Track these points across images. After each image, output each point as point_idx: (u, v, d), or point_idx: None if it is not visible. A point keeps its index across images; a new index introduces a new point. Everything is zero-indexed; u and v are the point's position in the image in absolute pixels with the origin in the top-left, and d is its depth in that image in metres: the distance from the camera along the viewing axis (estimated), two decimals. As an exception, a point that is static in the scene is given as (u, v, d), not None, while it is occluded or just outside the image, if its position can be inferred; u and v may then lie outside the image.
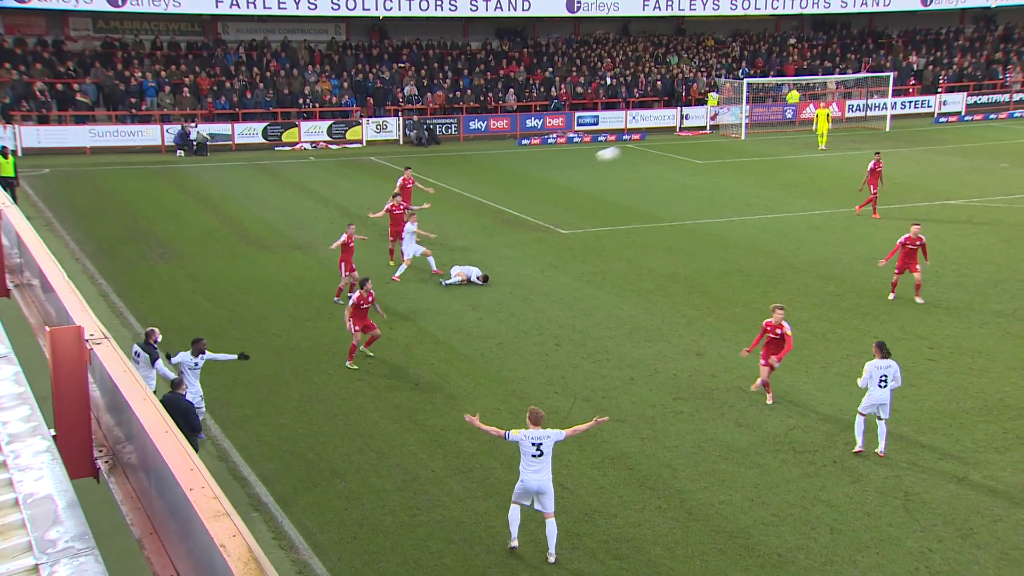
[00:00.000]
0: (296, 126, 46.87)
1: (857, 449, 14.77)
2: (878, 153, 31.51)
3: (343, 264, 22.07)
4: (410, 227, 23.94)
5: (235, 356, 16.03)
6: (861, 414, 14.91)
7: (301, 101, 48.07)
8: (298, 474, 14.38)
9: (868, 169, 30.54)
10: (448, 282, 23.50)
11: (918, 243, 21.80)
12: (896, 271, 22.16)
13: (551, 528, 12.14)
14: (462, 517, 13.09)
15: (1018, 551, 12.21)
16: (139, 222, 30.82)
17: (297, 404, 16.87)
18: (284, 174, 39.55)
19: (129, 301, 22.48)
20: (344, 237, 22.06)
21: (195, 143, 44.08)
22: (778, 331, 16.56)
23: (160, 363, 15.56)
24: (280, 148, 45.81)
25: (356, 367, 18.37)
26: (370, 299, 18.51)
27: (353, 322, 18.40)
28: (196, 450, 13.44)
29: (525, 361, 18.78)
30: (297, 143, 46.42)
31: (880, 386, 14.64)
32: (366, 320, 18.61)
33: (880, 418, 14.79)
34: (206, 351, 15.30)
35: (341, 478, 14.20)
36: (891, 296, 22.28)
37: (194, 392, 14.85)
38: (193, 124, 44.80)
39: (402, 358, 19.04)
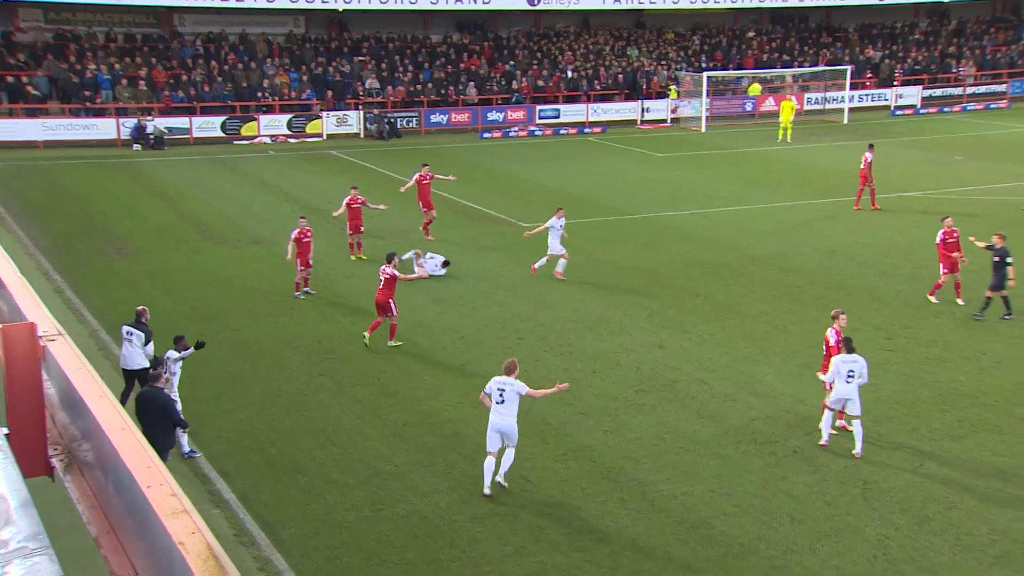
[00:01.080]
0: (255, 120, 46.42)
1: (822, 442, 14.76)
2: (871, 145, 31.80)
3: (299, 259, 21.93)
4: (557, 221, 22.98)
5: (193, 348, 15.78)
6: (829, 408, 14.89)
7: (260, 94, 47.63)
8: (259, 470, 14.28)
9: (864, 164, 30.71)
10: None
11: (955, 235, 21.11)
12: (944, 271, 21.29)
13: (508, 456, 13.47)
14: (425, 511, 13.07)
15: (972, 537, 12.43)
16: (95, 217, 30.39)
17: (258, 400, 16.74)
18: (243, 168, 39.19)
19: (85, 297, 22.17)
20: (296, 232, 21.91)
21: (152, 137, 43.50)
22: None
23: (152, 344, 15.57)
24: (239, 142, 45.37)
25: (400, 343, 19.10)
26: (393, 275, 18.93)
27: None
28: (172, 446, 13.37)
29: (487, 355, 18.77)
30: (256, 137, 45.97)
31: (847, 381, 14.53)
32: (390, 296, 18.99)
33: (852, 416, 14.65)
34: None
35: (303, 473, 14.12)
36: (933, 299, 21.46)
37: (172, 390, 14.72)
38: (150, 118, 44.21)
39: (364, 352, 18.95)
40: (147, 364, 15.34)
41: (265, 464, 14.46)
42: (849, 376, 14.52)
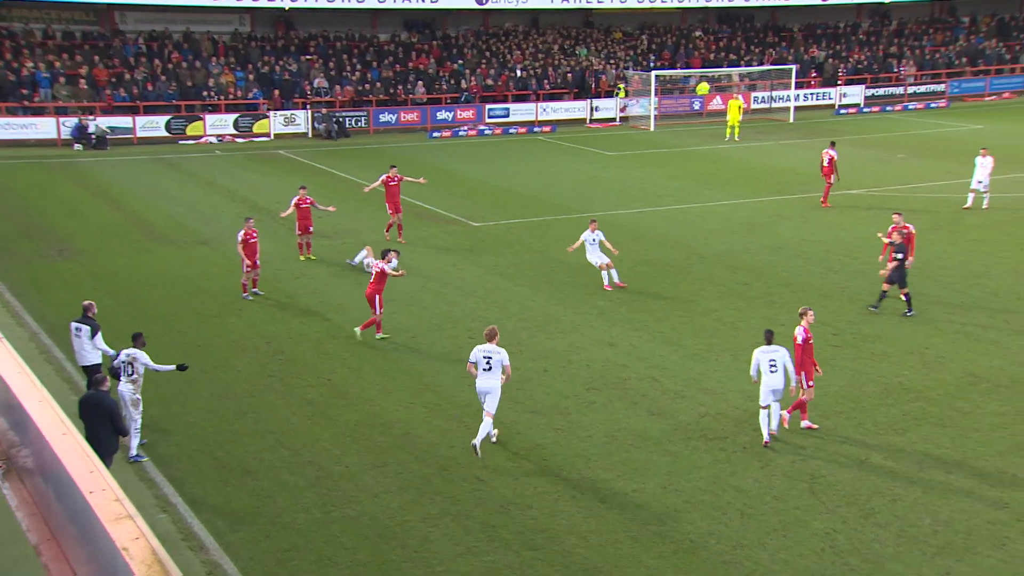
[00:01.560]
0: (201, 119, 45.82)
1: (764, 441, 14.95)
2: (833, 143, 32.24)
3: (246, 260, 21.70)
4: (590, 235, 22.45)
5: (174, 367, 15.41)
6: (763, 407, 15.00)
7: (205, 94, 47.00)
8: (208, 473, 14.09)
9: (825, 161, 31.12)
10: (356, 261, 24.18)
11: (905, 231, 21.35)
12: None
13: (485, 423, 14.47)
14: (376, 512, 13.00)
15: (915, 528, 12.67)
16: (35, 218, 29.78)
17: (206, 402, 16.53)
18: (189, 168, 38.66)
19: (25, 300, 21.72)
20: (242, 233, 21.68)
21: (94, 136, 42.73)
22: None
23: (100, 337, 15.38)
24: (185, 142, 44.75)
25: (388, 335, 19.48)
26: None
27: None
28: (116, 450, 13.12)
29: (439, 354, 18.73)
30: (202, 136, 45.39)
31: (771, 372, 14.78)
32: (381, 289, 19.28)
33: (775, 400, 14.90)
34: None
35: (252, 476, 13.97)
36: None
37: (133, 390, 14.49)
38: (91, 117, 43.42)
39: (314, 353, 18.80)
40: (98, 359, 15.33)
41: (214, 467, 14.28)
42: (772, 367, 14.78)
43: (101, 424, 12.58)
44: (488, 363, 14.51)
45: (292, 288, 22.83)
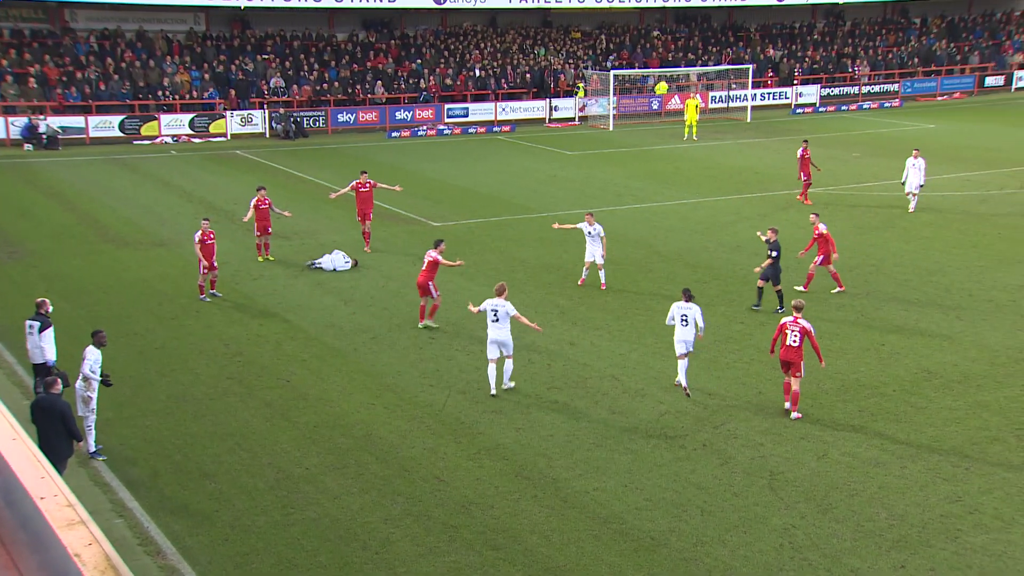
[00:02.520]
0: (156, 119, 45.28)
1: (685, 390, 16.52)
2: (806, 141, 32.55)
3: (203, 261, 21.47)
4: (588, 227, 22.37)
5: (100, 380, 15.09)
6: (679, 359, 16.63)
7: (160, 93, 46.43)
8: (165, 477, 13.92)
9: (798, 157, 31.47)
10: (322, 264, 24.07)
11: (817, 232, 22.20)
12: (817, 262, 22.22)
13: (507, 365, 16.62)
14: (337, 514, 12.92)
15: (872, 523, 12.83)
16: (-14, 220, 29.24)
17: (163, 405, 16.34)
18: (144, 169, 38.19)
19: (-24, 303, 21.31)
20: (199, 234, 21.46)
21: (45, 136, 42.03)
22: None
23: (49, 334, 15.14)
24: (139, 142, 44.19)
25: (437, 325, 20.01)
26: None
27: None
28: (70, 454, 12.89)
29: (399, 355, 18.66)
30: (157, 137, 44.86)
31: (683, 325, 16.65)
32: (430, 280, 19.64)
33: (682, 355, 16.57)
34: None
35: (211, 479, 13.82)
36: (803, 289, 22.27)
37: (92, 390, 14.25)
38: (42, 116, 42.72)
39: (273, 355, 18.65)
40: (48, 357, 15.09)
41: (171, 471, 14.11)
42: (683, 321, 16.66)
43: (54, 428, 12.38)
44: (495, 315, 16.37)
45: (250, 289, 22.63)
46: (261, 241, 25.04)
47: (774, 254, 21.06)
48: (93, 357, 14.34)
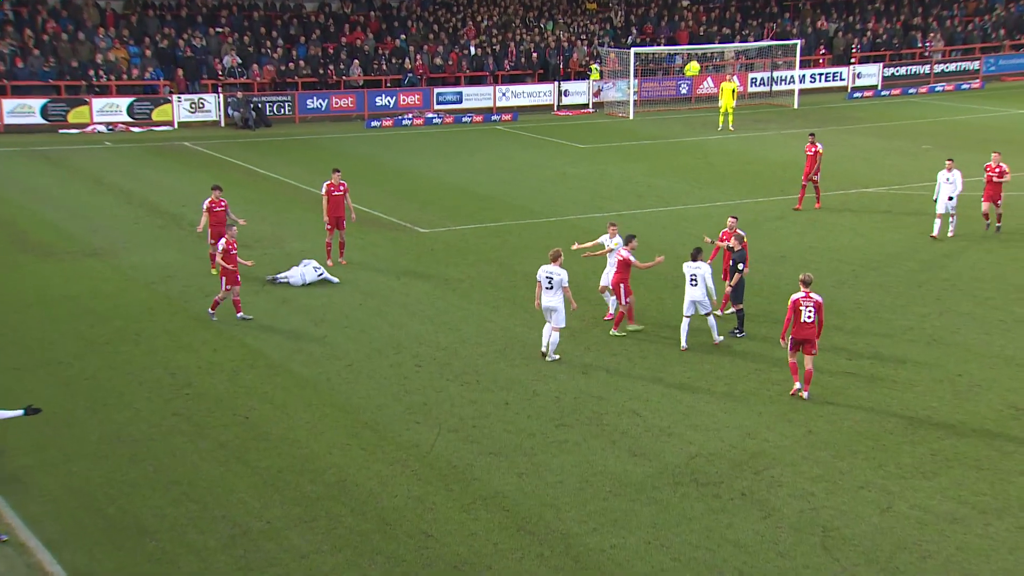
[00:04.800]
0: (86, 103, 45.46)
1: (682, 347, 20.03)
2: (812, 134, 32.64)
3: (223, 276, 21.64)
4: (610, 241, 22.45)
5: (21, 412, 14.77)
6: (685, 316, 20.10)
7: (92, 72, 46.57)
8: (95, 535, 13.93)
9: (807, 155, 31.56)
10: (278, 277, 24.32)
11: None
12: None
13: (554, 337, 19.52)
14: (304, 578, 12.94)
15: (949, 588, 12.82)
16: None
17: (94, 447, 16.35)
18: (72, 163, 38.32)
19: None
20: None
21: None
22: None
23: None
24: (66, 131, 44.36)
25: (641, 326, 21.41)
26: None
27: None
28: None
29: (380, 386, 18.69)
30: (88, 125, 45.03)
31: (691, 285, 19.97)
32: None
33: (705, 314, 19.98)
34: None
35: (152, 537, 13.83)
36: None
37: None
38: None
39: (228, 386, 18.69)
40: None
41: (103, 527, 14.12)
42: (692, 280, 20.00)
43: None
44: (550, 282, 19.23)
45: (201, 308, 22.68)
46: (215, 251, 25.07)
47: (741, 267, 21.31)
48: None
